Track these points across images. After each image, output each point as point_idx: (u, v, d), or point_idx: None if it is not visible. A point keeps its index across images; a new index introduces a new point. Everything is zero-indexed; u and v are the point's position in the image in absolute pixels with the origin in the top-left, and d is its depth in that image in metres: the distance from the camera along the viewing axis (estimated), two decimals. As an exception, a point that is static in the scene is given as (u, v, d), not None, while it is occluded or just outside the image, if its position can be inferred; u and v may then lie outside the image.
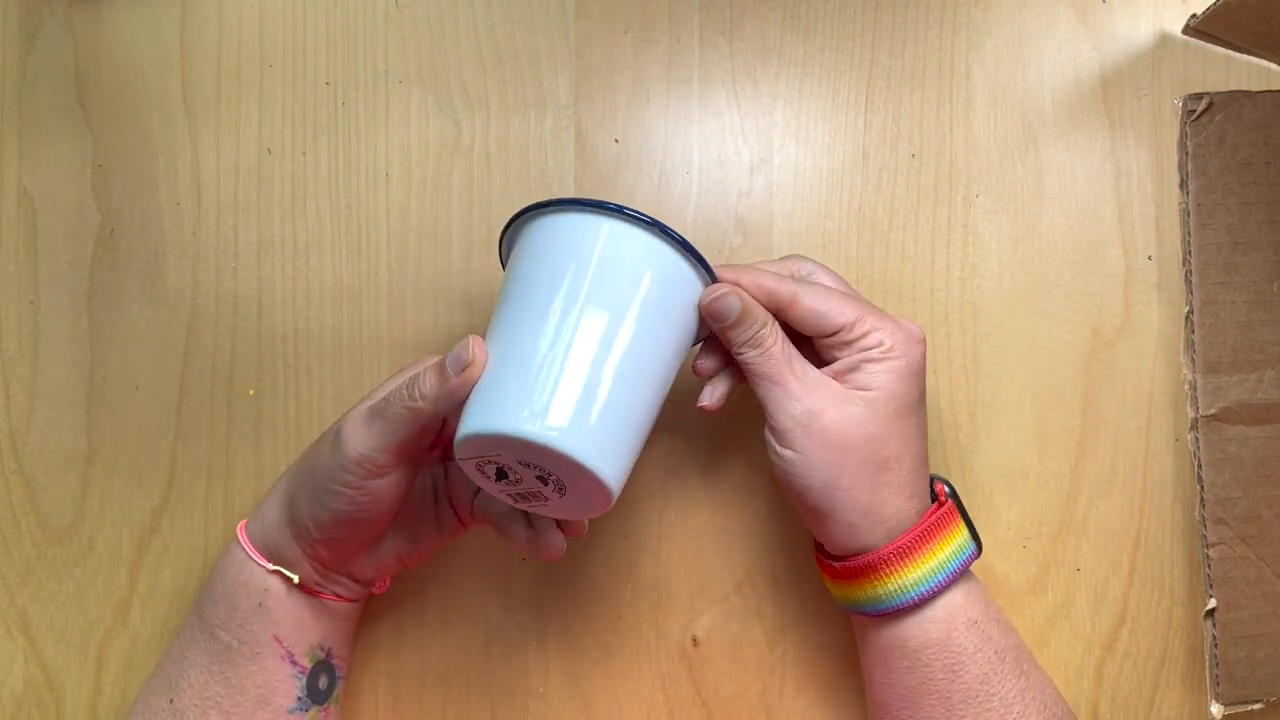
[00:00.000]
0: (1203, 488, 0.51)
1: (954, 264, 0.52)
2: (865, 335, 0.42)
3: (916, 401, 0.43)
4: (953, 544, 0.43)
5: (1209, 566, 0.50)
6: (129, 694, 0.51)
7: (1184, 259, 0.52)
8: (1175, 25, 0.53)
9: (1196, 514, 0.51)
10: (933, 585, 0.42)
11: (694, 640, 0.51)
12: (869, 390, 0.42)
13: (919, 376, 0.43)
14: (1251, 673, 0.50)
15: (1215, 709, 0.50)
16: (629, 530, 0.51)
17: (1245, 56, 0.53)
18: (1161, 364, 0.52)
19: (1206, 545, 0.51)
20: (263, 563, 0.44)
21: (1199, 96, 0.51)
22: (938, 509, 0.44)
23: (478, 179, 0.52)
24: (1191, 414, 0.51)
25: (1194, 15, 0.51)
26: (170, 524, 0.51)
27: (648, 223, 0.41)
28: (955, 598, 0.43)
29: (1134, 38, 0.53)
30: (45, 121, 0.51)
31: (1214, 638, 0.50)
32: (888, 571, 0.42)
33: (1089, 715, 0.52)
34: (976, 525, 0.52)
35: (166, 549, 0.51)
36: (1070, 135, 0.53)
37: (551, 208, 0.42)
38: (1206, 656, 0.51)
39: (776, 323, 0.43)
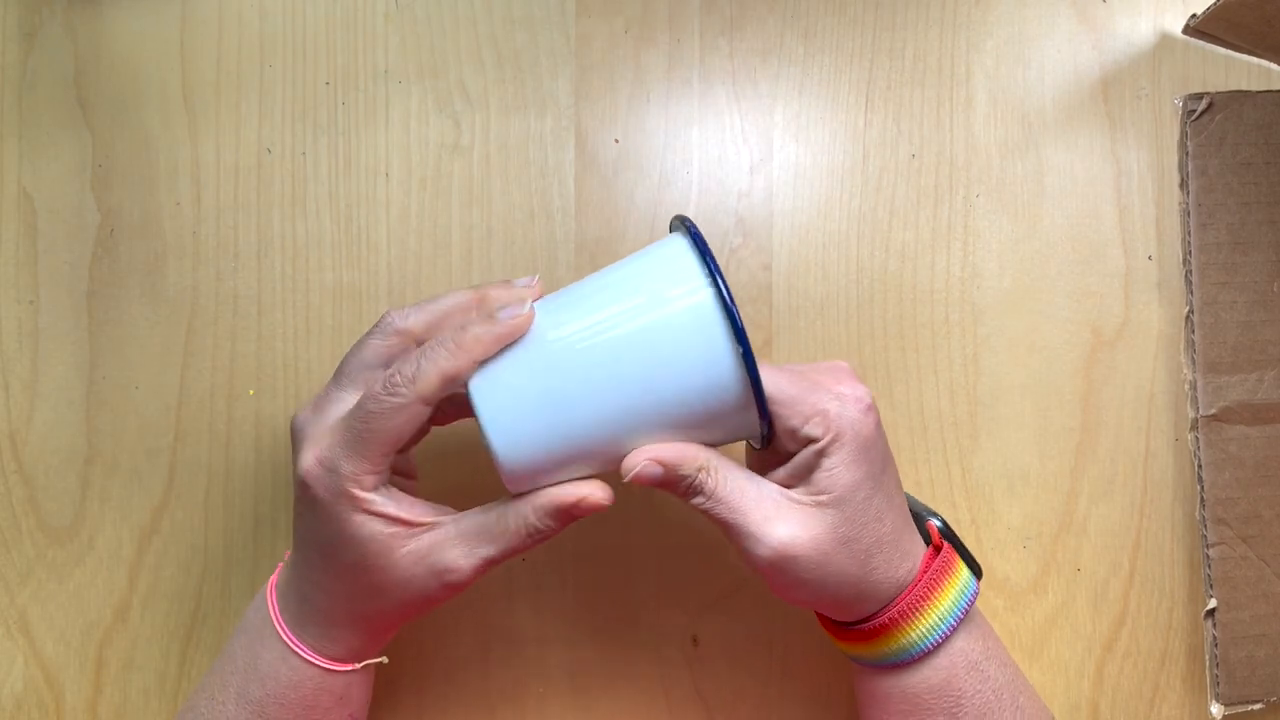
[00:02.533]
0: (1203, 488, 0.51)
1: (954, 264, 0.52)
2: (807, 422, 0.39)
3: (879, 472, 0.41)
4: (954, 589, 0.42)
5: (1209, 566, 0.50)
6: (129, 694, 0.51)
7: (1184, 259, 0.52)
8: (1175, 25, 0.53)
9: (1197, 514, 0.51)
10: (936, 638, 0.41)
11: (694, 640, 0.51)
12: (830, 493, 0.39)
13: (873, 447, 0.40)
14: (1252, 673, 0.50)
15: (1216, 709, 0.50)
16: (629, 530, 0.51)
17: (1245, 56, 0.53)
18: (1162, 364, 0.52)
19: (1207, 545, 0.51)
20: (348, 668, 0.43)
21: (1199, 96, 0.51)
22: (933, 558, 0.42)
23: (478, 179, 0.52)
24: (1192, 414, 0.51)
25: (1194, 15, 0.51)
26: (170, 524, 0.51)
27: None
28: (958, 643, 0.42)
29: (1134, 38, 0.53)
30: (45, 121, 0.51)
31: (1214, 638, 0.50)
32: (890, 634, 0.41)
33: (1089, 715, 0.52)
34: (976, 525, 0.52)
35: (166, 549, 0.51)
36: (1070, 135, 0.53)
37: (689, 240, 0.40)
38: (1207, 657, 0.51)
39: (715, 456, 0.40)
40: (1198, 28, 0.51)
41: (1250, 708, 0.50)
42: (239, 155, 0.52)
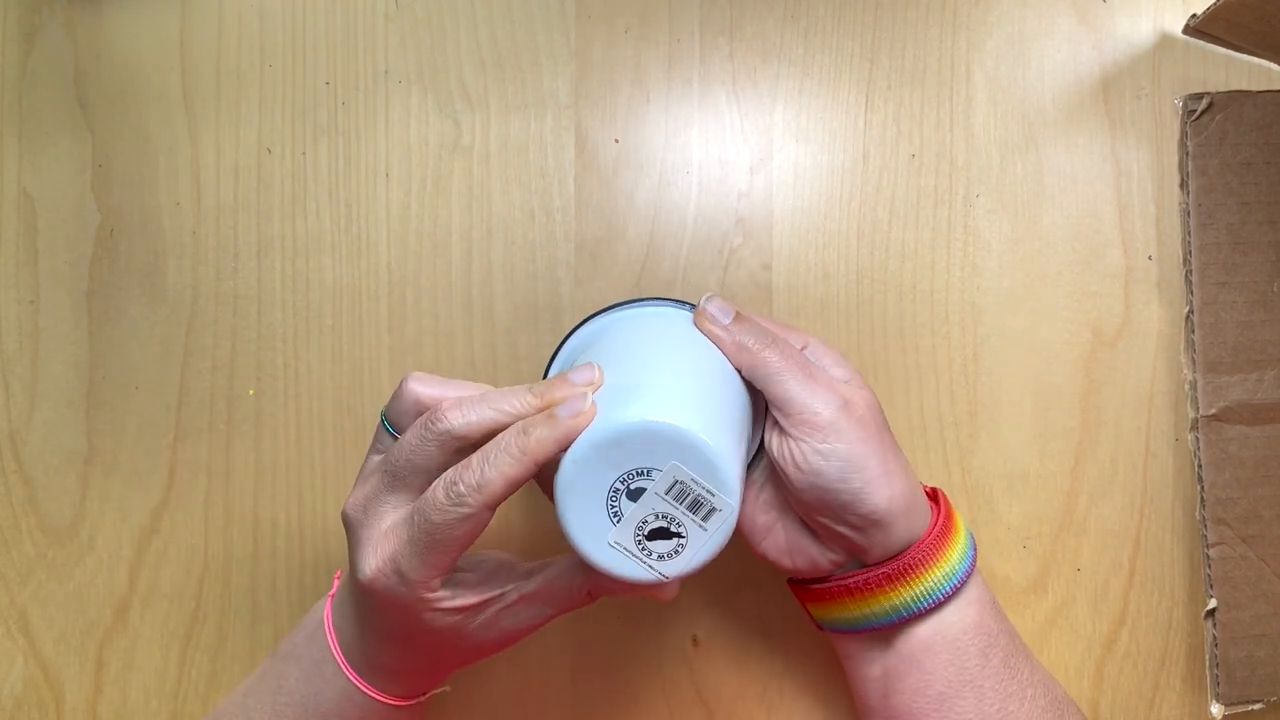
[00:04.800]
0: (1203, 488, 0.51)
1: (954, 264, 0.52)
2: (790, 403, 0.42)
3: (883, 424, 0.44)
4: (963, 527, 0.44)
5: (1209, 566, 0.50)
6: (129, 694, 0.51)
7: (1184, 259, 0.52)
8: (1175, 25, 0.53)
9: (1196, 514, 0.51)
10: (969, 561, 0.43)
11: (694, 640, 0.51)
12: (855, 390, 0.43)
13: (867, 423, 0.42)
14: (1252, 673, 0.50)
15: (1216, 709, 0.50)
16: (629, 530, 0.51)
17: (1245, 56, 0.53)
18: (1161, 364, 0.52)
19: (1207, 545, 0.50)
20: (415, 702, 0.43)
21: (1199, 96, 0.51)
22: (935, 494, 0.45)
23: (478, 179, 0.52)
24: (1192, 414, 0.51)
25: (1194, 15, 0.51)
26: (170, 524, 0.51)
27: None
28: (977, 578, 0.44)
29: (1134, 38, 0.53)
30: (45, 121, 0.51)
31: (1214, 638, 0.50)
32: (937, 556, 0.42)
33: (1089, 715, 0.52)
34: (976, 525, 0.52)
35: (166, 549, 0.51)
36: (1070, 135, 0.53)
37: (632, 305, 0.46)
38: (1207, 656, 0.51)
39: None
40: (1198, 28, 0.51)
41: (1250, 708, 0.50)
42: (239, 155, 0.52)
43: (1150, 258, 0.52)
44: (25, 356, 0.51)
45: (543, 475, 0.38)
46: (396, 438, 0.40)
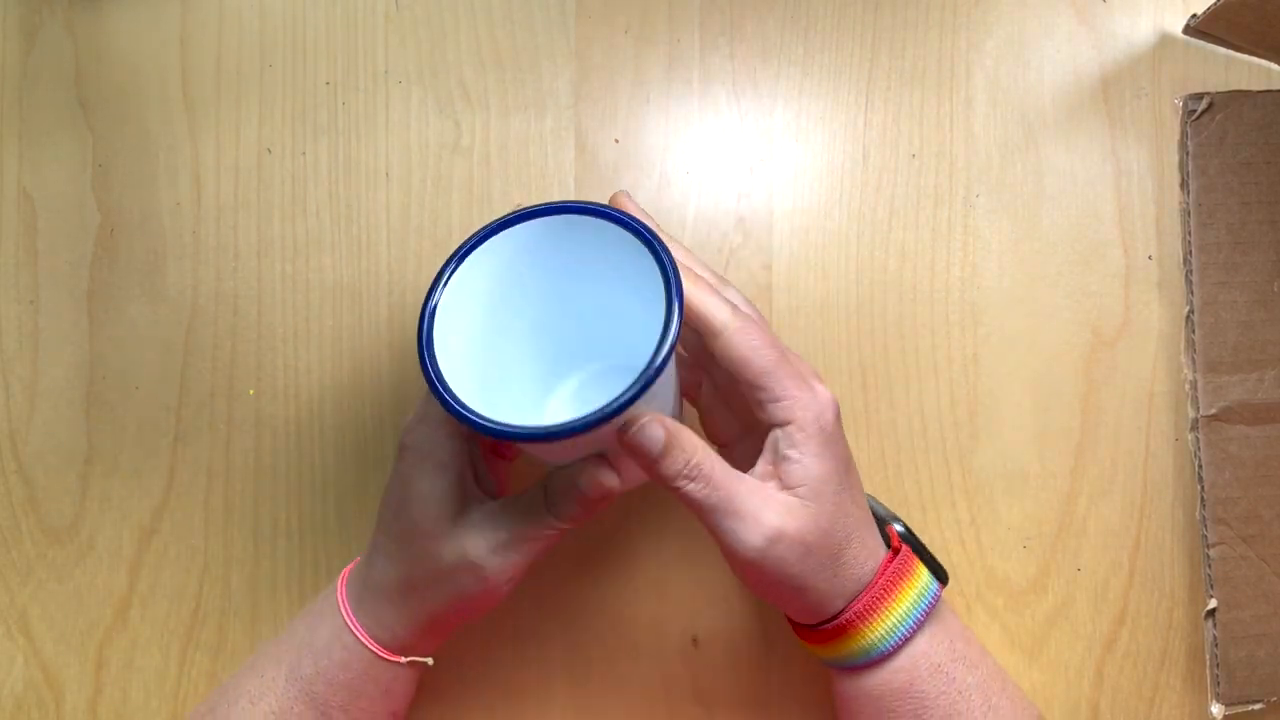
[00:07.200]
0: (1203, 488, 0.51)
1: (954, 264, 0.52)
2: (777, 402, 0.40)
3: (844, 470, 0.42)
4: (913, 591, 0.42)
5: (1209, 566, 0.50)
6: (129, 694, 0.51)
7: (1184, 259, 0.52)
8: (1175, 25, 0.53)
9: (1197, 514, 0.51)
10: (896, 639, 0.42)
11: (694, 640, 0.51)
12: (805, 484, 0.40)
13: (837, 442, 0.41)
14: (1252, 673, 0.50)
15: (1216, 709, 0.50)
16: (629, 530, 0.51)
17: (1245, 56, 0.53)
18: (1162, 364, 0.52)
19: (1207, 545, 0.51)
20: (395, 659, 0.44)
21: (1199, 96, 0.51)
22: (892, 560, 0.43)
23: (478, 179, 0.52)
24: (1192, 414, 0.51)
25: (1194, 15, 0.51)
26: (170, 524, 0.51)
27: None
28: (919, 645, 0.42)
29: (1134, 38, 0.53)
30: (45, 121, 0.52)
31: (1214, 638, 0.50)
32: (851, 635, 0.42)
33: (1089, 715, 0.52)
34: (976, 525, 0.52)
35: (166, 549, 0.51)
36: (1070, 135, 0.53)
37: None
38: (1207, 656, 0.51)
39: (706, 445, 0.40)
40: (1198, 28, 0.51)
41: (1250, 708, 0.50)
42: (239, 155, 0.52)
43: (1150, 258, 0.52)
44: (25, 356, 0.51)
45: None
46: None
